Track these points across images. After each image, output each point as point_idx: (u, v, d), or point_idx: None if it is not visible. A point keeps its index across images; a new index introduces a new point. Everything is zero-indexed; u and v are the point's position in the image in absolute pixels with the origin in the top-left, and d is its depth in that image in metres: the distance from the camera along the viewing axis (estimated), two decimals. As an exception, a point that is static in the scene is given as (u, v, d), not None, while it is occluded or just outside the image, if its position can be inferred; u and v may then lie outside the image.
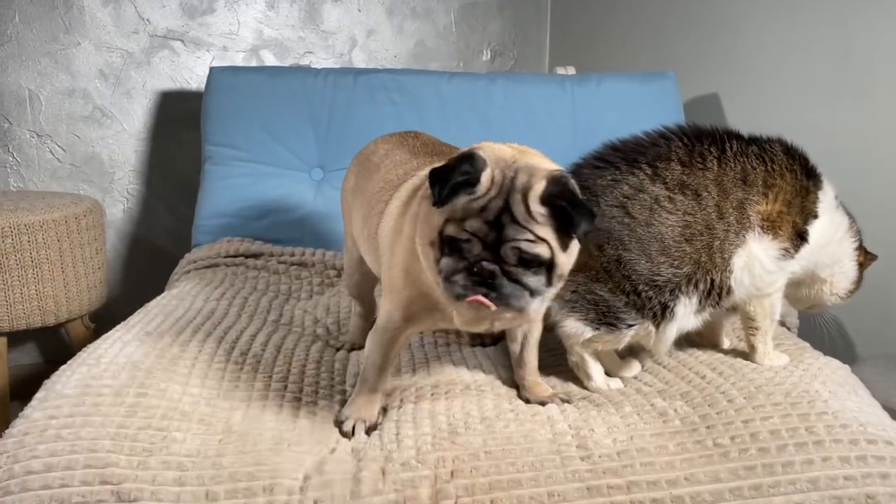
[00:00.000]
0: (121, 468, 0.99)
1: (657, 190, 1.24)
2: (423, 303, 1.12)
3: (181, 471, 1.01)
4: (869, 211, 1.56)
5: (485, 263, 0.98)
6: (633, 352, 1.38)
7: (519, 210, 0.98)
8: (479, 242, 0.98)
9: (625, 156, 1.29)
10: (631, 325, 1.25)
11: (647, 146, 1.29)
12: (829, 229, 1.34)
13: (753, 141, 1.31)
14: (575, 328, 1.27)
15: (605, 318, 1.25)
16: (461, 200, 0.99)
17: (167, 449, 1.04)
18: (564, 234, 0.99)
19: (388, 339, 1.18)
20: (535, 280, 1.00)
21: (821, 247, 1.34)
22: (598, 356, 1.32)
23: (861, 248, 1.42)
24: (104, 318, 2.17)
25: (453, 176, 0.98)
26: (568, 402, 1.24)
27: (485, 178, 0.99)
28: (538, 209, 0.98)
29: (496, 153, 1.03)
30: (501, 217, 0.98)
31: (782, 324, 1.65)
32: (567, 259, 1.03)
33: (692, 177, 1.25)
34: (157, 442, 1.05)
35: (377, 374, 1.19)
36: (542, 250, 0.99)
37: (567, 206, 0.97)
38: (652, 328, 1.24)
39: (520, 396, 1.27)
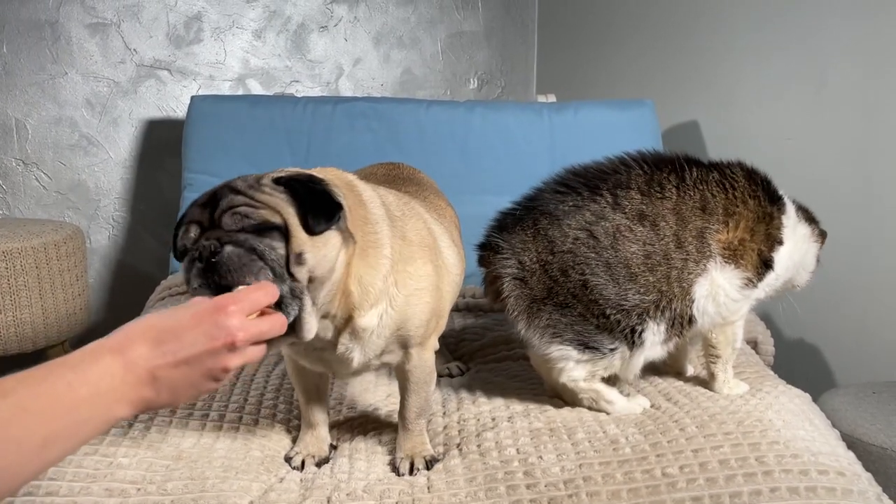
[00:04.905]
0: (61, 496, 0.99)
1: (618, 219, 1.23)
2: None
3: (124, 497, 1.01)
4: (843, 235, 1.56)
5: (204, 242, 0.87)
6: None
7: (240, 184, 0.91)
8: (195, 226, 0.90)
9: (587, 182, 1.28)
10: (613, 350, 1.23)
11: (608, 173, 1.28)
12: (795, 250, 1.33)
13: (715, 167, 1.30)
14: (560, 352, 1.25)
15: (582, 338, 1.23)
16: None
17: (112, 475, 1.04)
18: (305, 217, 0.90)
19: (290, 370, 1.19)
20: (266, 245, 0.87)
21: (786, 269, 1.33)
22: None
23: (821, 240, 1.42)
24: (86, 345, 2.17)
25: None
26: (429, 467, 1.12)
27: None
28: (267, 182, 0.92)
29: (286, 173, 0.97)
30: (218, 194, 0.91)
31: (755, 349, 1.63)
32: (314, 244, 0.90)
33: (651, 206, 1.24)
34: (101, 468, 1.05)
35: (304, 408, 1.19)
36: (266, 213, 0.88)
37: (297, 185, 0.91)
38: (627, 352, 1.23)
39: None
